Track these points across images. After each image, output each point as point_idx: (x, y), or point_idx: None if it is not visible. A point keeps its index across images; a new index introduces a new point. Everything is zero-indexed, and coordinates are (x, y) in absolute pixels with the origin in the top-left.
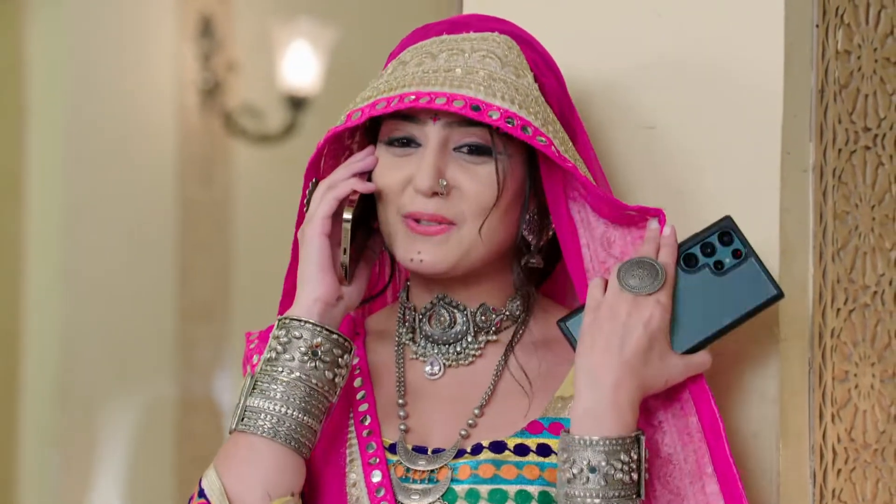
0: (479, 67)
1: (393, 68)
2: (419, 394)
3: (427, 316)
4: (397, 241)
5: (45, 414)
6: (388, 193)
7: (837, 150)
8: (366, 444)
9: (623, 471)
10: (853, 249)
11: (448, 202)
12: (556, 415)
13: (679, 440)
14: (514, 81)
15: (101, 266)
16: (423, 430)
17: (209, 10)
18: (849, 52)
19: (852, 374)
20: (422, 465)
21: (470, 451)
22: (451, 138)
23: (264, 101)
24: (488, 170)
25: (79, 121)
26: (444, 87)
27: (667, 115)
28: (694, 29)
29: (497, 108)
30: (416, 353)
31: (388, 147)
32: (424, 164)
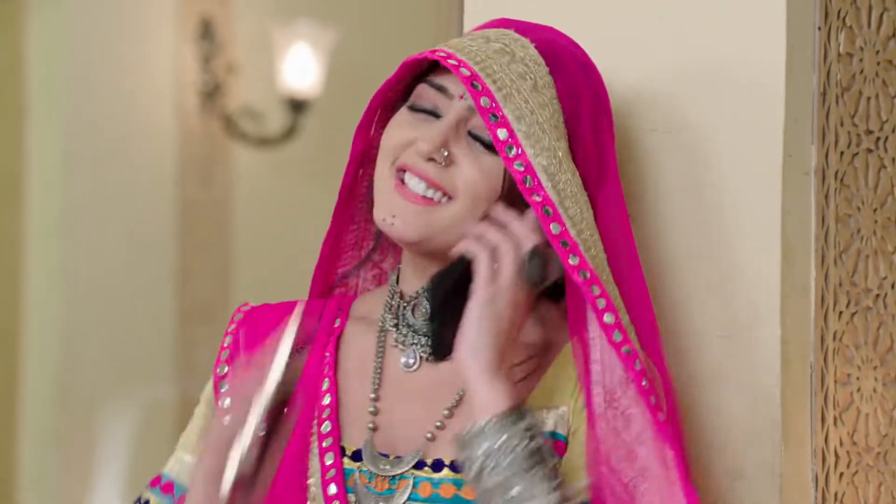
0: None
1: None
2: (394, 387)
3: (412, 305)
4: (380, 198)
5: (45, 415)
6: (390, 146)
7: (839, 153)
8: (325, 454)
9: (514, 444)
10: (855, 252)
11: (443, 172)
12: None
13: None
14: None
15: (101, 267)
16: (391, 428)
17: (209, 11)
18: (851, 54)
19: (854, 377)
20: (385, 468)
21: (431, 465)
22: (470, 121)
23: (264, 104)
24: (492, 163)
25: (79, 122)
26: (477, 65)
27: (668, 118)
28: (695, 32)
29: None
30: (397, 341)
31: (411, 111)
32: (433, 129)
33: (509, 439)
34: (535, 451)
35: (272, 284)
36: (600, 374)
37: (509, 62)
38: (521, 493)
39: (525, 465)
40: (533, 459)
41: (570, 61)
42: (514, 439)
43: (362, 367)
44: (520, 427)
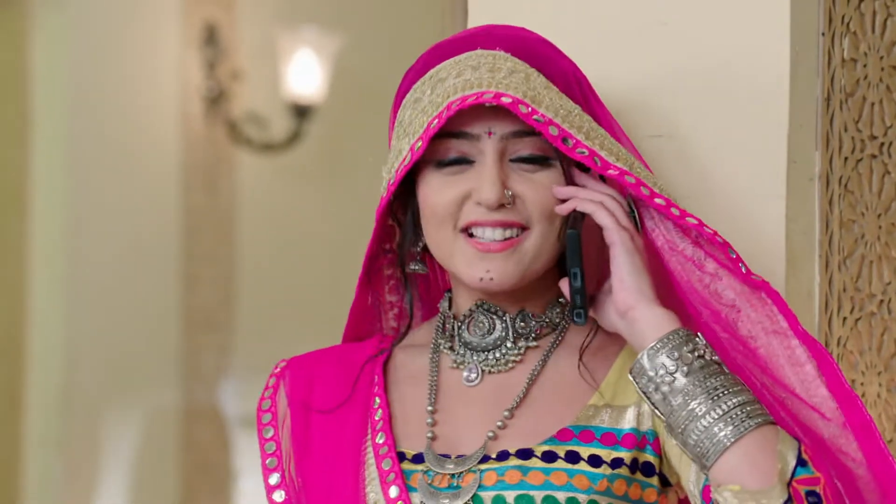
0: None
1: (431, 88)
2: (453, 400)
3: (466, 323)
4: (460, 261)
5: (49, 422)
6: (443, 212)
7: (843, 159)
8: (381, 461)
9: (697, 354)
10: (859, 258)
11: (512, 211)
12: (587, 423)
13: (755, 322)
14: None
15: (105, 274)
16: (453, 435)
17: (214, 18)
18: (855, 60)
19: (859, 382)
20: (450, 468)
21: (495, 457)
22: (507, 150)
23: (269, 110)
24: (547, 176)
25: (83, 129)
26: (490, 87)
27: (673, 124)
28: (699, 37)
29: (560, 127)
30: (455, 362)
31: (439, 168)
32: (487, 176)
33: (686, 352)
34: (711, 362)
35: (277, 292)
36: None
37: (509, 74)
38: (704, 403)
39: (705, 374)
40: (711, 368)
41: (542, 48)
42: (690, 351)
43: (416, 383)
44: (693, 338)
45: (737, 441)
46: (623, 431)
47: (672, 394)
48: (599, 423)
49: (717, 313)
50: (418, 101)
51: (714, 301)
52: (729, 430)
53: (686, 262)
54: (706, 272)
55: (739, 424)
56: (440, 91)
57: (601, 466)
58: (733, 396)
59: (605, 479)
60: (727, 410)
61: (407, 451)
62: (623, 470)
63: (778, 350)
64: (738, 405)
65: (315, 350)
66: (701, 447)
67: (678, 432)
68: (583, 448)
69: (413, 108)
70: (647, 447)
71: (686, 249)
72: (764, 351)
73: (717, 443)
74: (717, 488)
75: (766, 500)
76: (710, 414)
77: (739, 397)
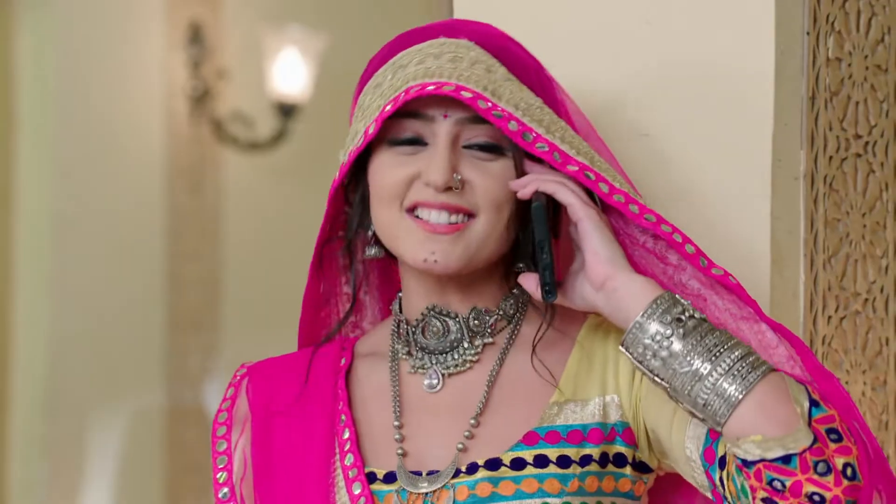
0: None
1: (392, 73)
2: (418, 411)
3: (420, 327)
4: (405, 242)
5: (34, 424)
6: (390, 189)
7: (828, 158)
8: (352, 484)
9: (687, 315)
10: (844, 257)
11: (460, 196)
12: (551, 422)
13: (723, 310)
14: (518, 93)
15: (90, 275)
16: (422, 450)
17: (199, 17)
18: (840, 59)
19: (844, 381)
20: (424, 487)
21: (465, 470)
22: (461, 135)
23: (254, 109)
24: (500, 166)
25: (67, 128)
26: (451, 79)
27: (658, 123)
28: (684, 37)
29: (515, 118)
30: (414, 367)
31: (392, 146)
32: (438, 159)
33: (676, 314)
34: (701, 320)
35: (263, 291)
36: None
37: (471, 65)
38: (707, 361)
39: (700, 333)
40: (703, 326)
41: (504, 42)
42: (681, 312)
43: (380, 396)
44: (678, 300)
45: (748, 393)
46: (589, 426)
47: (672, 357)
48: (564, 421)
49: None
50: (378, 85)
51: (680, 292)
52: (737, 384)
53: (648, 255)
54: (669, 264)
55: (746, 376)
56: (400, 76)
57: (570, 466)
58: (732, 351)
59: (576, 478)
60: (731, 365)
61: (377, 470)
62: (593, 466)
63: (749, 335)
64: (739, 358)
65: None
66: (712, 406)
67: (685, 394)
68: (550, 450)
69: (373, 92)
70: (617, 439)
71: (647, 242)
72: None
73: (728, 398)
74: (735, 442)
75: (792, 444)
76: (714, 371)
77: (738, 350)
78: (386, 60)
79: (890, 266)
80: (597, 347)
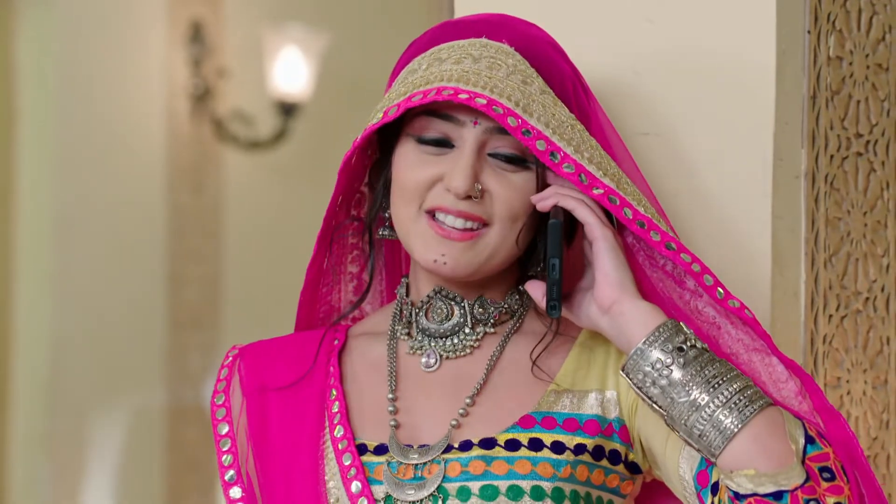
0: (518, 87)
1: (428, 64)
2: (413, 386)
3: (424, 309)
4: (417, 241)
5: (35, 422)
6: (412, 189)
7: (829, 157)
8: (342, 455)
9: (689, 344)
10: (845, 256)
11: (478, 204)
12: (548, 408)
13: (735, 339)
14: (553, 108)
15: (91, 274)
16: (414, 424)
17: (200, 15)
18: (841, 58)
19: (844, 380)
20: (414, 458)
21: (458, 447)
22: (488, 143)
23: (255, 108)
24: (521, 178)
25: (68, 127)
26: (485, 90)
27: (658, 122)
28: (685, 35)
29: (547, 138)
30: (413, 348)
31: (419, 144)
32: (462, 166)
33: (678, 343)
34: (703, 350)
35: (263, 290)
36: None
37: (508, 74)
38: (705, 392)
39: (701, 363)
40: (704, 356)
41: (546, 50)
42: (683, 342)
43: (374, 372)
44: (682, 329)
45: (744, 426)
46: (585, 417)
47: (671, 387)
48: (561, 409)
49: (699, 330)
50: (413, 72)
51: (696, 318)
52: (734, 416)
53: (667, 279)
54: (686, 289)
55: (743, 409)
56: (435, 70)
57: (564, 453)
58: (731, 383)
59: (569, 465)
60: (729, 397)
61: (368, 442)
62: (586, 456)
63: (759, 367)
64: (738, 391)
65: (269, 339)
66: (707, 437)
67: (681, 424)
68: (545, 434)
69: (406, 77)
70: (614, 435)
71: (667, 265)
72: (746, 368)
73: (723, 430)
74: (728, 475)
75: (784, 480)
76: (712, 403)
77: (737, 383)
78: (427, 47)
79: (891, 265)
80: (598, 345)
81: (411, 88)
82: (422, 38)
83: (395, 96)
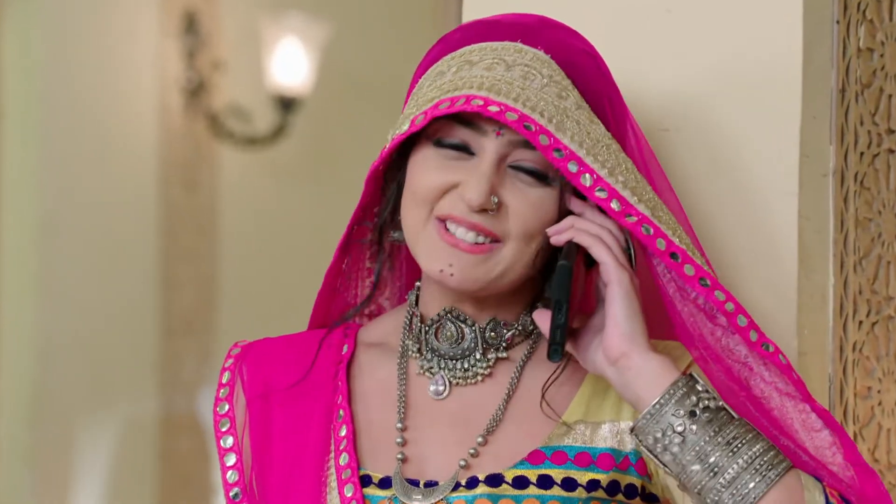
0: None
1: (458, 67)
2: (422, 415)
3: (434, 329)
4: (424, 247)
5: (19, 432)
6: (424, 193)
7: (859, 154)
8: (344, 486)
9: (702, 406)
10: (876, 258)
11: (493, 219)
12: (558, 442)
13: (768, 382)
14: (588, 125)
15: (79, 276)
16: (423, 456)
17: (194, 5)
18: (871, 49)
19: (875, 390)
20: (418, 499)
21: (465, 484)
22: (510, 155)
23: (252, 102)
24: (540, 195)
25: (55, 122)
26: (517, 102)
27: (678, 117)
28: (706, 25)
29: (580, 159)
30: (423, 368)
31: (438, 148)
32: (478, 177)
33: (690, 406)
34: (718, 409)
35: (261, 294)
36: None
37: (542, 86)
38: (723, 457)
39: (716, 427)
40: (720, 417)
41: (583, 60)
42: (695, 404)
43: (383, 394)
44: (694, 387)
45: (764, 495)
46: (598, 451)
47: (683, 453)
48: (572, 442)
49: (730, 370)
50: (441, 74)
51: (726, 356)
52: (753, 483)
53: (698, 313)
54: (718, 325)
55: (765, 475)
56: (465, 75)
57: (576, 490)
58: (750, 446)
59: (580, 502)
60: (749, 462)
61: (373, 473)
62: (599, 493)
63: (792, 413)
64: (758, 455)
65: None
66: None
67: (694, 491)
68: (556, 471)
69: (434, 80)
70: (630, 469)
71: (699, 299)
72: (778, 413)
73: (743, 497)
74: None
75: None
76: (730, 469)
77: (757, 446)
78: (457, 46)
79: None
80: None
81: (438, 95)
82: (452, 35)
83: (424, 102)
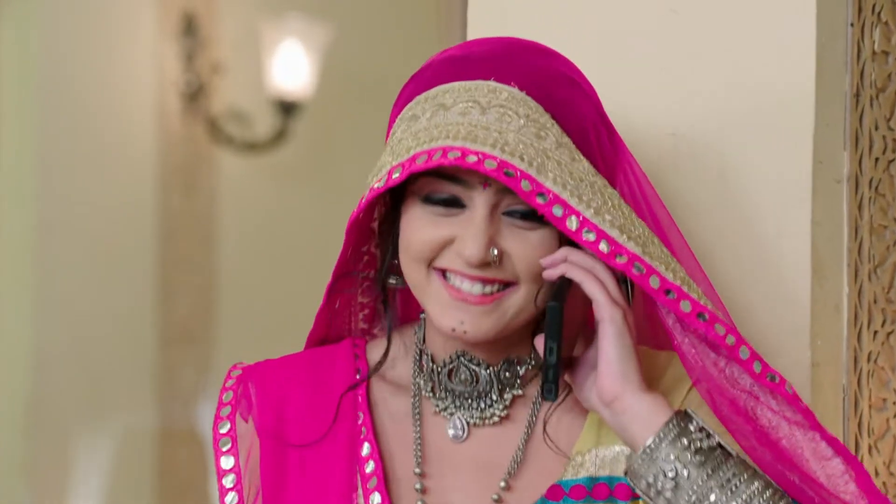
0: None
1: (432, 112)
2: (441, 459)
3: (447, 371)
4: (435, 305)
5: (15, 442)
6: (421, 250)
7: (874, 160)
8: None
9: (694, 447)
10: (891, 266)
11: (498, 268)
12: (574, 475)
13: (776, 411)
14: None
15: (75, 283)
16: (445, 503)
17: (192, 6)
18: (886, 52)
19: (891, 401)
20: None
21: None
22: (502, 202)
23: (251, 106)
24: (540, 236)
25: (52, 126)
26: (494, 149)
27: (687, 122)
28: (715, 27)
29: (565, 203)
30: (438, 408)
31: (426, 205)
32: (473, 233)
33: (681, 449)
34: (713, 448)
35: (260, 302)
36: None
37: (520, 128)
38: (719, 498)
39: (709, 469)
40: (714, 458)
41: (562, 90)
42: (686, 447)
43: (398, 431)
44: (686, 428)
45: None
46: (616, 480)
47: (677, 498)
48: (587, 473)
49: (735, 401)
50: (415, 119)
51: (730, 387)
52: None
53: (699, 344)
54: (722, 355)
55: None
56: (440, 122)
57: None
58: (748, 485)
59: None
60: (747, 502)
61: None
62: None
63: (802, 442)
64: (756, 493)
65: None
66: None
67: None
68: None
69: (407, 125)
70: None
71: (699, 329)
72: (787, 443)
73: None
74: None
75: None
76: None
77: (755, 484)
78: (429, 85)
79: None
80: None
81: (415, 145)
82: (422, 72)
83: (400, 152)
